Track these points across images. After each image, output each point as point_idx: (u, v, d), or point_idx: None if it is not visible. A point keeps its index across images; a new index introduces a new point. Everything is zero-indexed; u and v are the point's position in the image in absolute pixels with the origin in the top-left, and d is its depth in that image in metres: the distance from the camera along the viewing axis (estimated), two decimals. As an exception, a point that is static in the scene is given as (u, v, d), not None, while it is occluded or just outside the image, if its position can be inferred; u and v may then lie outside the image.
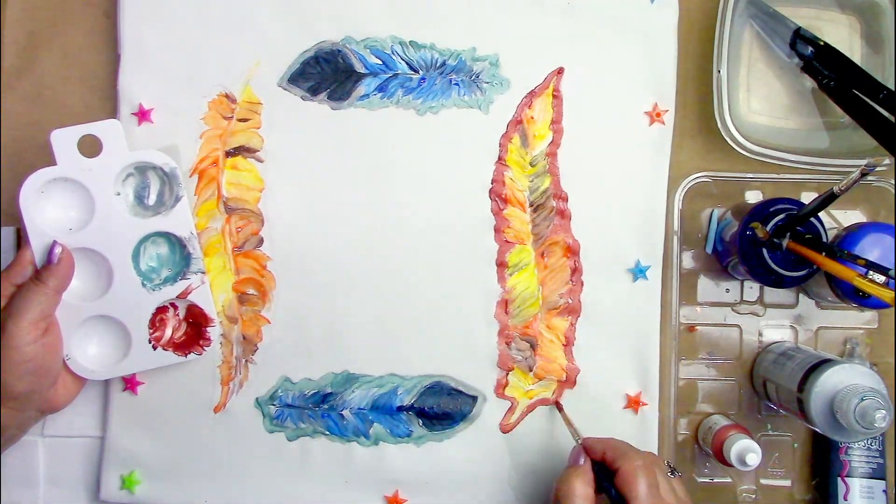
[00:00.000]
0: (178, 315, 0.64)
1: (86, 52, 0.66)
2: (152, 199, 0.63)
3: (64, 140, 0.60)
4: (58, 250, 0.59)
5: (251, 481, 0.66)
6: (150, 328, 0.63)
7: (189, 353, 0.64)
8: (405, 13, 0.65)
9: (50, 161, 0.60)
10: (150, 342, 0.63)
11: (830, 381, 0.58)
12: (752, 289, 0.68)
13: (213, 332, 0.64)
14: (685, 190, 0.66)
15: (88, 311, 0.61)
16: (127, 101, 0.65)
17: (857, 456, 0.66)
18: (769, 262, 0.60)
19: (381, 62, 0.66)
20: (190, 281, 0.63)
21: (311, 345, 0.66)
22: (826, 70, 0.64)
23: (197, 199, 0.65)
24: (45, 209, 0.60)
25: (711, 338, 0.68)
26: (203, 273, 0.63)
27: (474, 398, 0.66)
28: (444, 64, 0.66)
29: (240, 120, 0.65)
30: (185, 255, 0.63)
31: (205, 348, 0.64)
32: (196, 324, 0.64)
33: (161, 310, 0.63)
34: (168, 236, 0.63)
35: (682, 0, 0.66)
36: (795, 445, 0.68)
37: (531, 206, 0.66)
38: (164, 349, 0.63)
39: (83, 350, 0.62)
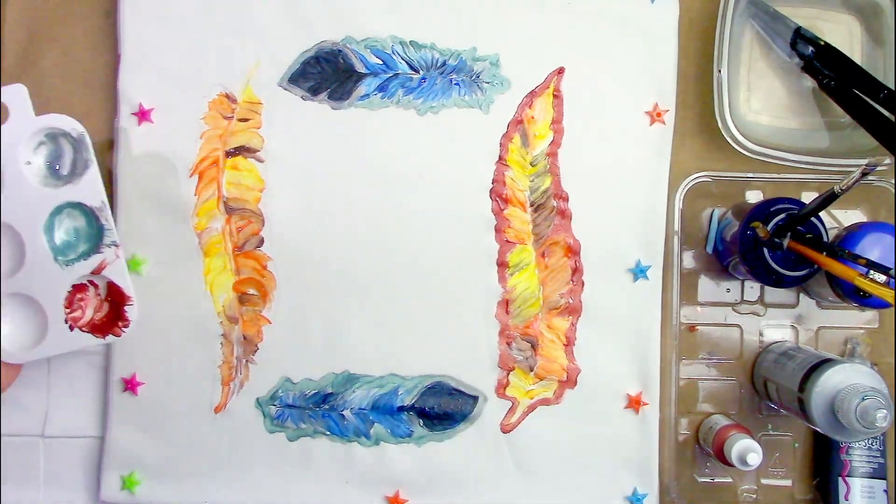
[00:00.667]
0: (98, 294, 0.60)
1: (86, 52, 0.66)
2: (66, 169, 0.59)
3: None
4: None
5: (252, 482, 0.66)
6: (66, 308, 0.59)
7: (107, 334, 0.59)
8: (406, 13, 0.65)
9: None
10: (66, 322, 0.59)
11: (831, 380, 0.58)
12: (752, 288, 0.68)
13: (132, 311, 0.59)
14: (686, 190, 0.66)
15: (2, 289, 0.58)
16: (127, 101, 0.65)
17: (858, 456, 0.66)
18: (770, 261, 0.60)
19: (381, 62, 0.66)
20: (104, 255, 0.59)
21: (312, 345, 0.66)
22: (826, 70, 0.64)
23: (197, 200, 0.65)
24: None
25: (712, 338, 0.68)
26: (116, 246, 0.59)
27: (475, 398, 0.66)
28: (444, 64, 0.66)
29: (240, 120, 0.65)
30: (98, 227, 0.59)
31: (123, 329, 0.59)
32: (116, 303, 0.60)
33: (80, 288, 0.59)
34: (82, 207, 0.59)
35: (682, 0, 0.66)
36: (796, 445, 0.68)
37: (532, 205, 0.66)
38: (81, 330, 0.59)
39: None
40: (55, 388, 0.66)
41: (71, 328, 0.59)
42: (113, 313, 0.60)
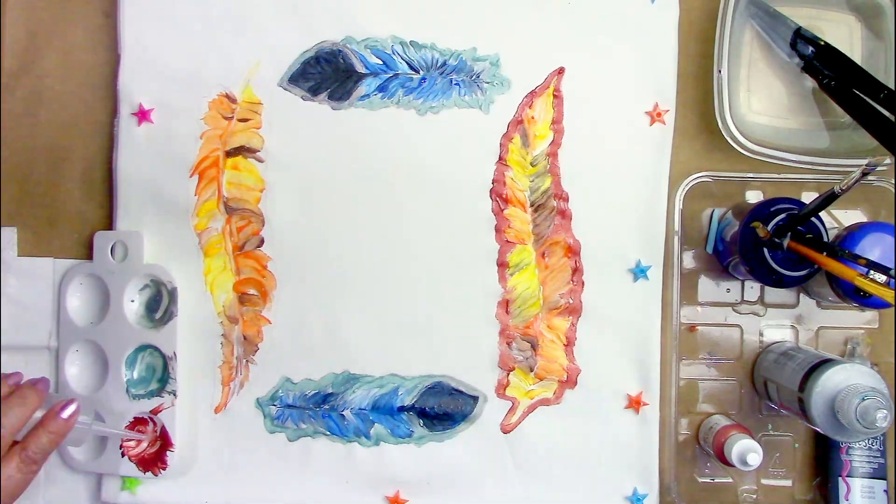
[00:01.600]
0: (155, 431, 0.64)
1: (86, 52, 0.66)
2: (160, 314, 0.65)
3: (102, 243, 0.64)
4: (72, 409, 0.55)
5: (252, 482, 0.66)
6: (123, 438, 0.64)
7: (147, 471, 0.64)
8: (406, 13, 0.65)
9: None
10: (120, 448, 0.64)
11: (831, 380, 0.58)
12: (752, 289, 0.68)
13: (172, 457, 0.64)
14: (686, 190, 0.66)
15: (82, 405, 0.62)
16: (127, 101, 0.65)
17: (859, 456, 0.66)
18: (770, 261, 0.60)
19: (381, 62, 0.66)
20: (162, 400, 0.64)
21: (312, 345, 0.66)
22: (826, 70, 0.64)
23: (197, 200, 0.65)
24: (72, 299, 0.65)
25: (712, 338, 0.68)
26: (174, 395, 0.64)
27: (475, 398, 0.66)
28: (444, 64, 0.66)
29: (240, 120, 0.65)
30: (166, 374, 0.64)
31: (160, 471, 0.64)
32: (163, 444, 0.64)
33: (141, 421, 0.64)
34: (160, 352, 0.64)
35: (682, 0, 0.66)
36: (796, 445, 0.68)
37: (532, 205, 0.66)
38: (130, 459, 0.64)
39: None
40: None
41: (122, 454, 0.64)
42: (158, 453, 0.64)
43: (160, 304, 0.65)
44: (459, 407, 0.66)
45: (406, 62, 0.66)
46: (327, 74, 0.65)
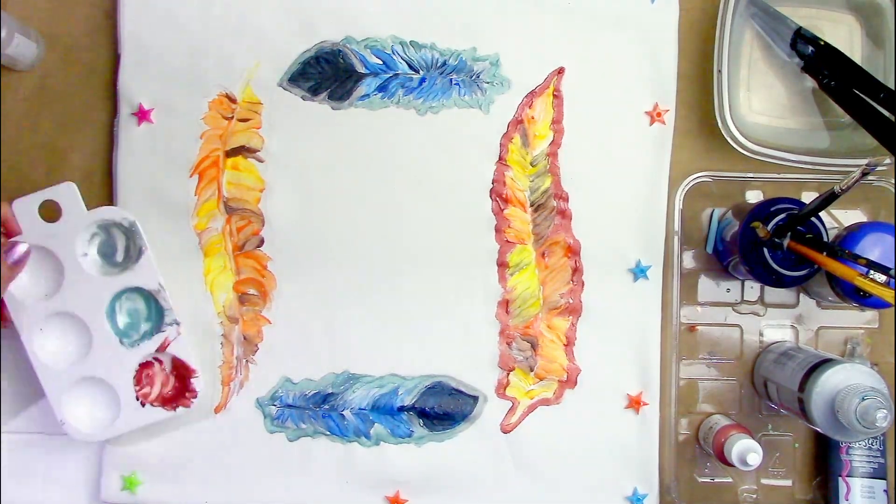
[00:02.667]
0: (164, 369, 0.64)
1: (86, 52, 0.66)
2: (120, 256, 0.63)
3: (25, 208, 0.60)
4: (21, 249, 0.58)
5: (252, 482, 0.66)
6: (136, 385, 0.63)
7: (177, 406, 0.63)
8: (405, 13, 0.65)
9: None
10: (137, 399, 0.63)
11: (831, 380, 0.58)
12: (752, 288, 0.68)
13: (197, 382, 0.63)
14: (686, 190, 0.66)
15: (74, 375, 0.62)
16: (127, 101, 0.65)
17: (858, 455, 0.66)
18: (770, 261, 0.60)
19: (381, 62, 0.66)
20: (166, 333, 0.63)
21: (312, 345, 0.66)
22: (826, 70, 0.64)
23: (197, 200, 0.65)
24: (19, 278, 0.60)
25: (712, 338, 0.68)
26: (178, 324, 0.63)
27: (475, 398, 0.66)
28: (444, 64, 0.66)
29: (240, 120, 0.65)
30: (158, 308, 0.63)
31: (192, 400, 0.63)
32: (181, 376, 0.64)
33: (146, 365, 0.63)
34: (140, 291, 0.63)
35: (682, 0, 0.66)
36: (796, 445, 0.68)
37: (532, 205, 0.66)
38: (152, 405, 0.63)
39: (75, 413, 0.62)
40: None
41: (143, 404, 0.63)
42: (180, 385, 0.64)
43: (115, 246, 0.63)
44: (459, 407, 0.66)
45: (406, 62, 0.66)
46: (327, 74, 0.65)
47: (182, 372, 0.63)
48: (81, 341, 0.63)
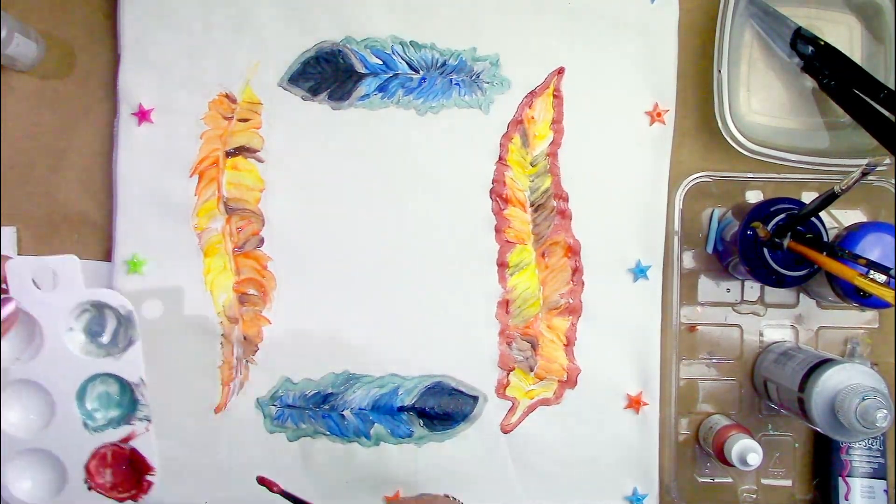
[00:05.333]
0: (118, 458, 0.63)
1: (86, 52, 0.66)
2: (106, 338, 0.62)
3: (18, 270, 0.59)
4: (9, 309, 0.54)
5: (252, 482, 0.65)
6: (86, 469, 0.62)
7: (126, 499, 0.63)
8: (405, 13, 0.65)
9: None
10: (85, 482, 0.62)
11: (831, 380, 0.58)
12: (752, 288, 0.68)
13: (154, 479, 0.63)
14: (686, 190, 0.66)
15: (27, 443, 0.61)
16: (127, 101, 0.65)
17: (858, 456, 0.66)
18: (770, 261, 0.60)
19: (381, 62, 0.66)
20: (133, 427, 0.62)
21: (312, 345, 0.66)
22: (826, 70, 0.64)
23: (197, 200, 0.65)
24: None
25: (712, 338, 0.68)
26: (148, 421, 0.62)
27: (475, 398, 0.66)
28: (444, 64, 0.66)
29: (240, 120, 0.65)
30: (133, 400, 0.62)
31: (141, 495, 0.62)
32: (138, 470, 0.63)
33: (103, 450, 0.62)
34: (119, 378, 0.62)
35: (682, 0, 0.66)
36: (796, 445, 0.68)
37: (532, 205, 0.66)
38: (98, 491, 0.62)
39: (18, 481, 0.61)
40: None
41: (90, 488, 0.62)
42: (134, 479, 0.63)
43: (104, 326, 0.62)
44: (459, 407, 0.66)
45: (406, 62, 0.66)
46: (327, 74, 0.65)
47: (139, 466, 0.63)
48: (44, 413, 0.62)
